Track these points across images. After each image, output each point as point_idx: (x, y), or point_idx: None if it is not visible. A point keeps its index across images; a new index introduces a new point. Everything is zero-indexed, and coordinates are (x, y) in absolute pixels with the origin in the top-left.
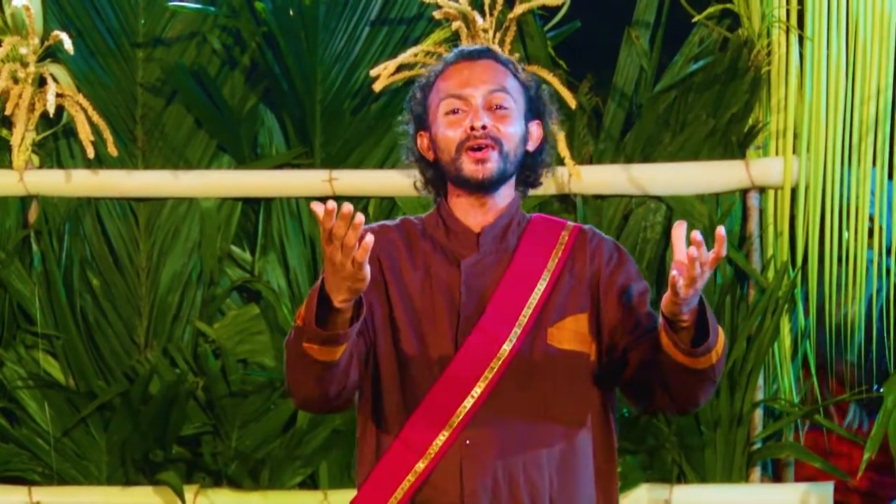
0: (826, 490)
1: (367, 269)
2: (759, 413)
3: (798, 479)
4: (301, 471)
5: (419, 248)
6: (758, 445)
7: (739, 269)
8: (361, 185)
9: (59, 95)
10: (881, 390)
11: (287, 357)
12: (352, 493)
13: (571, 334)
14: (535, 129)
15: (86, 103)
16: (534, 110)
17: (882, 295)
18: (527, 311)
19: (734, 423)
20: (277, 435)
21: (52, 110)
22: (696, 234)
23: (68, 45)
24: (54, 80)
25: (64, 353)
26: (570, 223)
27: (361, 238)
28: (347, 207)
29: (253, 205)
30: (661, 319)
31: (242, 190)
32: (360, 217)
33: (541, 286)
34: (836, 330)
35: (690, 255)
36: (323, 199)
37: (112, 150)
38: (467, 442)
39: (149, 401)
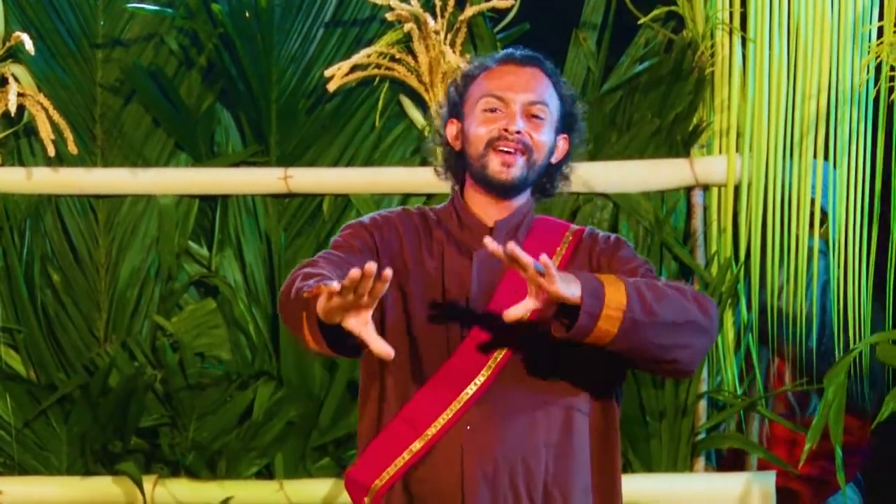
0: (768, 479)
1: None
2: (703, 404)
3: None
4: (257, 461)
5: (435, 236)
6: (702, 436)
7: (684, 264)
8: (316, 183)
9: (20, 95)
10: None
11: (282, 308)
12: (306, 484)
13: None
14: (563, 143)
15: (46, 103)
16: (565, 124)
17: (828, 287)
18: None
19: (679, 414)
20: (234, 426)
21: (13, 109)
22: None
23: (29, 45)
24: (15, 79)
25: (25, 346)
26: (574, 226)
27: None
28: (370, 267)
29: (210, 202)
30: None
31: (199, 187)
32: (388, 272)
33: None
34: (782, 322)
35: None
36: (278, 197)
37: (72, 148)
38: (468, 427)
39: (108, 393)
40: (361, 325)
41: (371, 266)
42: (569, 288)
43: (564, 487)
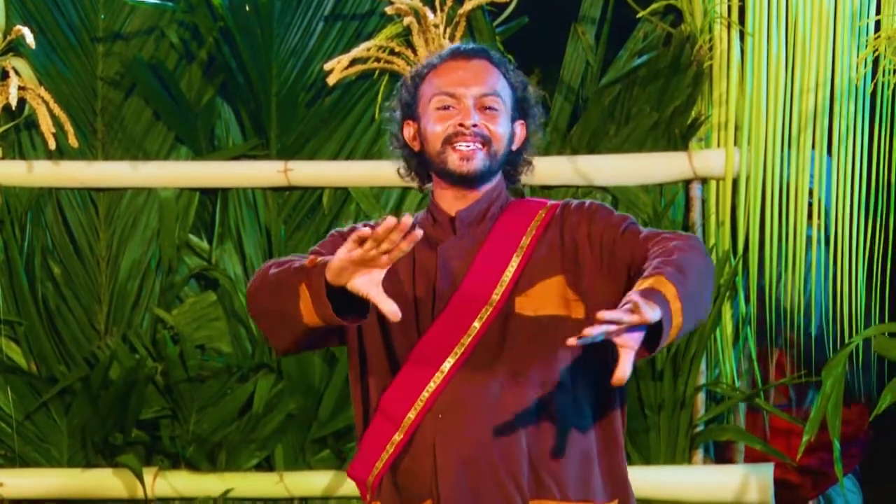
0: (766, 471)
1: None
2: (701, 397)
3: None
4: (257, 453)
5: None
6: (700, 428)
7: None
8: (316, 176)
9: (21, 88)
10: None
11: (265, 283)
12: (306, 476)
13: (542, 300)
14: (520, 129)
15: (47, 96)
16: (520, 111)
17: (825, 279)
18: (499, 289)
19: (677, 407)
20: (234, 419)
21: (14, 103)
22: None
23: (30, 39)
24: (16, 73)
25: (26, 338)
26: (552, 202)
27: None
28: (406, 220)
29: (210, 195)
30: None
31: (200, 180)
32: (418, 232)
33: (514, 262)
34: (780, 313)
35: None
36: (278, 190)
37: (73, 141)
38: (440, 416)
39: (109, 385)
40: (372, 284)
41: (406, 219)
42: (652, 310)
43: (556, 472)
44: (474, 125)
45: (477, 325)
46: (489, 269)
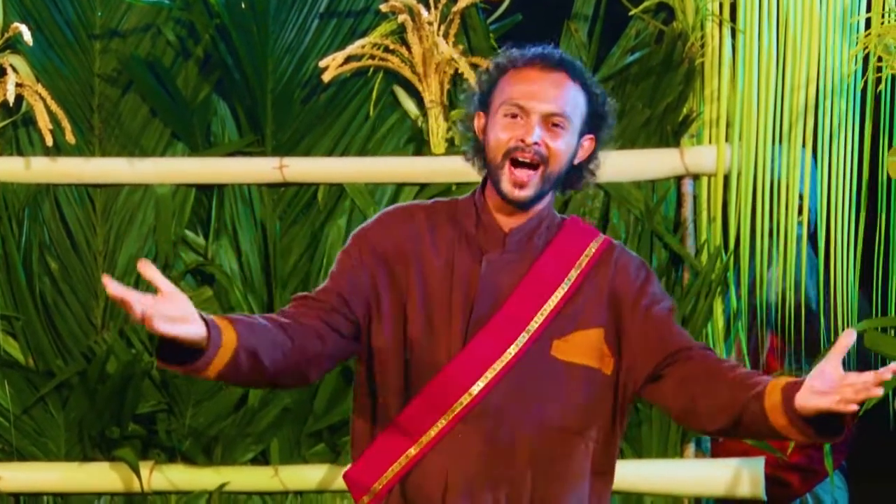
0: (757, 465)
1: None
2: None
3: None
4: (253, 447)
5: (444, 234)
6: None
7: (674, 253)
8: (311, 172)
9: (18, 85)
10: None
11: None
12: (301, 469)
13: (579, 348)
14: (588, 143)
15: (45, 93)
16: (591, 125)
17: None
18: (539, 318)
19: None
20: (230, 413)
21: (11, 99)
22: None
23: (27, 36)
24: (14, 70)
25: (23, 333)
26: (602, 235)
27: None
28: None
29: (206, 191)
30: (781, 382)
31: (196, 177)
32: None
33: (558, 294)
34: (770, 308)
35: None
36: (273, 186)
37: (70, 138)
38: (459, 436)
39: (105, 380)
40: (162, 321)
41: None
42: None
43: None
44: (535, 143)
45: (512, 350)
46: (533, 295)
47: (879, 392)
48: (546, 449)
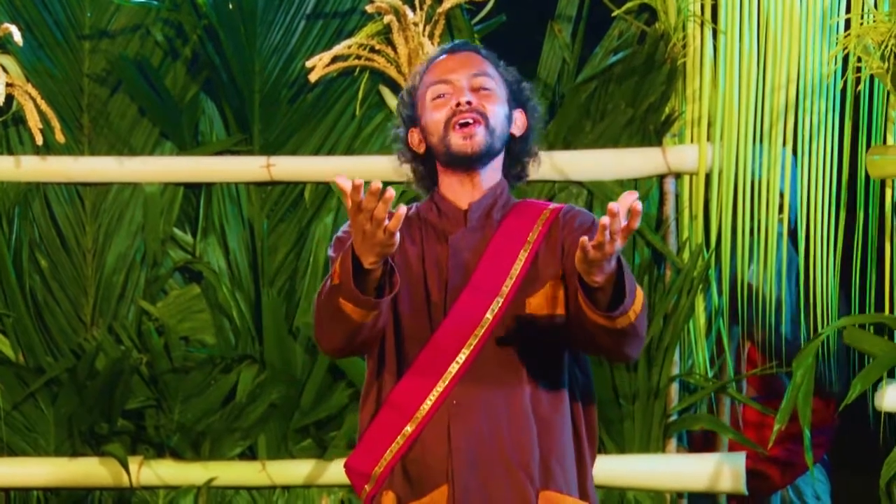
0: (738, 460)
1: (397, 235)
2: (675, 387)
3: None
4: (240, 443)
5: (414, 230)
6: (674, 418)
7: (656, 250)
8: (298, 171)
9: (8, 85)
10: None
11: (319, 312)
12: (289, 464)
13: (548, 300)
14: (519, 115)
15: (34, 92)
16: (516, 99)
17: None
18: (508, 282)
19: (651, 397)
20: (217, 408)
21: (1, 99)
22: (613, 205)
23: (17, 37)
24: (4, 70)
25: (14, 330)
26: (554, 204)
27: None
28: (376, 185)
29: (194, 189)
30: (575, 280)
31: (184, 175)
32: (390, 192)
33: (522, 256)
34: (752, 306)
35: (602, 223)
36: (261, 184)
37: (60, 137)
38: (454, 402)
39: (95, 376)
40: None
41: (358, 181)
42: (606, 266)
43: (563, 462)
44: (468, 102)
45: (489, 316)
46: (499, 263)
47: (623, 222)
48: (542, 400)
